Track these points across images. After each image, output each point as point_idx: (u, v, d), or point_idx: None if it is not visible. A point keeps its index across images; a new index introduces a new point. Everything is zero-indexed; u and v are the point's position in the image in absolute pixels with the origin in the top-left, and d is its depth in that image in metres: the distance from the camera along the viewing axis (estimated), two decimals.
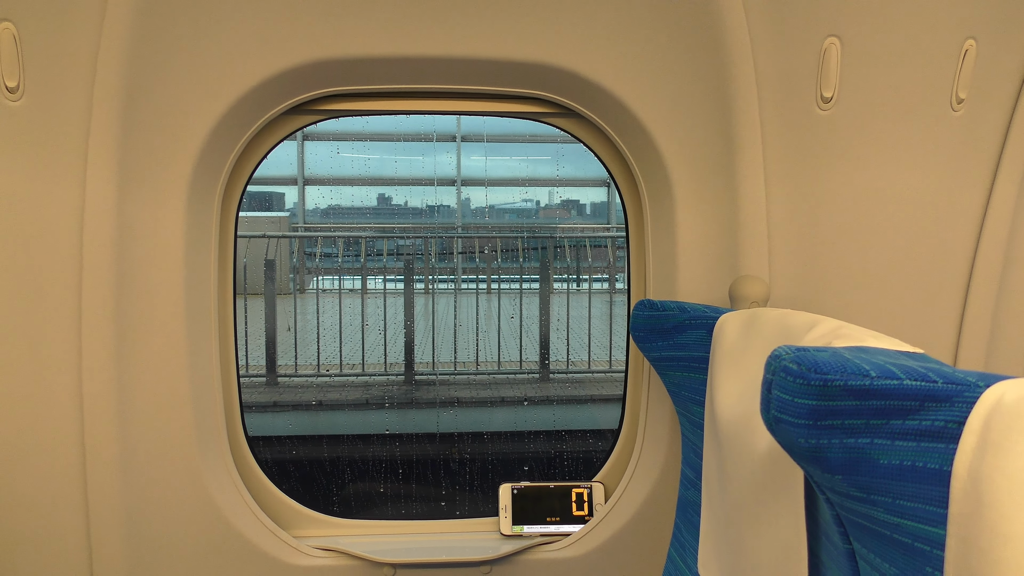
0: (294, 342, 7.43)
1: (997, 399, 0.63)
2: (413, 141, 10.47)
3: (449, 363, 7.57)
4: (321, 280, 9.52)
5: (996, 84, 1.59)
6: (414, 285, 7.81)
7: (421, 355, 7.59)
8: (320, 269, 9.19)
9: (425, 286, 9.59)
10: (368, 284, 8.46)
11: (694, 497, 1.39)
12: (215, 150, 1.57)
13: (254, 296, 7.77)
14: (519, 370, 7.51)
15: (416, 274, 8.84)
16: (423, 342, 7.94)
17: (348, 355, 7.50)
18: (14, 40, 1.40)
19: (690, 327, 1.40)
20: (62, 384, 1.51)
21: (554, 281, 8.43)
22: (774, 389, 0.76)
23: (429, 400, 7.03)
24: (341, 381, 7.17)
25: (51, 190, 1.47)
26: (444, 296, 9.38)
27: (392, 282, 8.56)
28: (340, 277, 8.98)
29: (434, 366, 7.52)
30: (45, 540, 1.55)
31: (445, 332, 8.23)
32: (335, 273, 9.18)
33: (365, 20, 1.49)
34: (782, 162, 1.59)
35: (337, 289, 8.83)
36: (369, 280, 8.56)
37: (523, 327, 7.98)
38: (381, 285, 8.29)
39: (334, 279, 9.30)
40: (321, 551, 1.73)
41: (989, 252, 1.66)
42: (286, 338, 7.42)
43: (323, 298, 8.78)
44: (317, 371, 7.22)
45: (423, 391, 7.20)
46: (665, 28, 1.52)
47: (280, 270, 8.40)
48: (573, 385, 7.35)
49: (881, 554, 0.74)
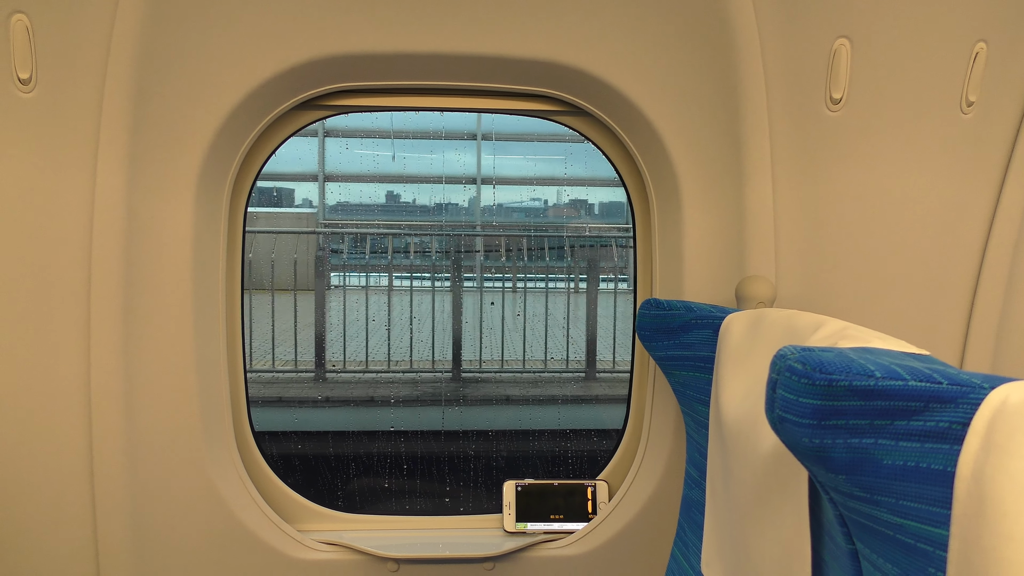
0: (343, 338, 7.39)
1: (1002, 401, 0.63)
2: (449, 139, 10.43)
3: (494, 360, 7.54)
4: (347, 277, 9.45)
5: (1006, 87, 1.58)
6: (452, 283, 7.80)
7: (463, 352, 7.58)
8: (356, 266, 9.10)
9: (451, 283, 9.50)
10: (390, 281, 8.45)
11: (698, 496, 1.39)
12: (225, 144, 1.57)
13: (282, 292, 7.73)
14: (565, 368, 7.50)
15: (441, 272, 8.80)
16: (470, 339, 7.90)
17: (392, 351, 7.48)
18: (27, 32, 1.41)
19: (696, 327, 1.40)
20: (70, 376, 1.52)
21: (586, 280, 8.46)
22: (779, 388, 0.77)
23: (480, 397, 7.00)
24: (389, 377, 7.16)
25: (61, 182, 1.48)
26: (474, 294, 9.28)
27: (418, 279, 8.54)
28: (391, 274, 8.94)
29: (480, 364, 7.49)
30: (52, 531, 1.57)
31: (491, 330, 8.16)
32: (378, 271, 9.14)
33: (374, 16, 1.50)
34: (790, 163, 1.58)
35: (363, 286, 8.78)
36: (393, 277, 8.55)
37: (569, 325, 7.95)
38: (401, 282, 8.28)
39: (361, 276, 9.26)
40: (325, 545, 1.74)
41: (997, 255, 1.65)
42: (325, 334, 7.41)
43: (350, 295, 8.70)
44: (365, 367, 7.19)
45: (472, 388, 7.17)
46: (674, 27, 1.52)
47: (307, 267, 8.41)
48: (623, 384, 7.33)
49: (884, 554, 0.75)
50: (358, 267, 8.95)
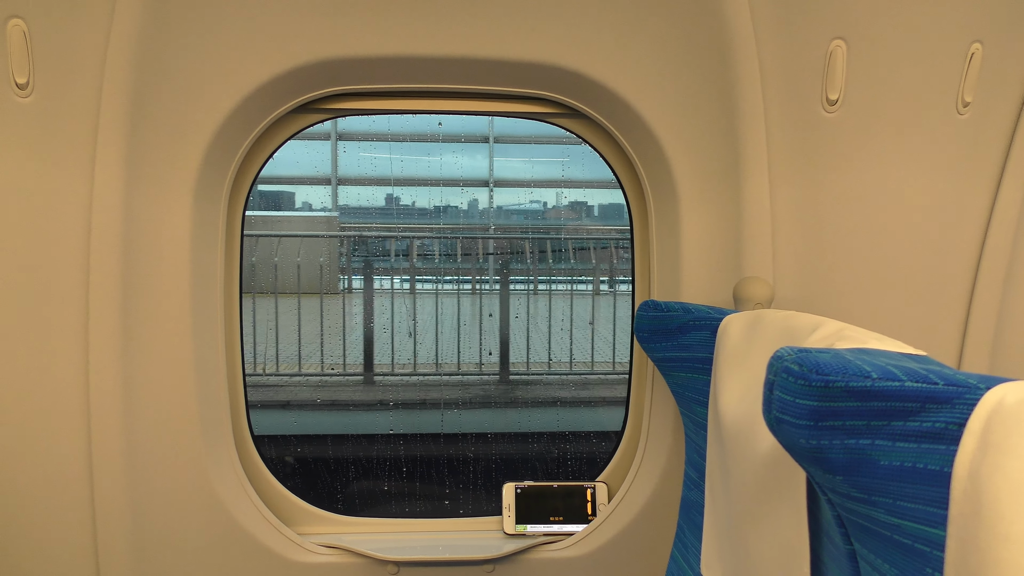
0: (391, 341, 7.36)
1: (998, 401, 0.63)
2: (449, 142, 10.41)
3: (540, 363, 7.50)
4: (382, 281, 9.38)
5: (1002, 88, 1.59)
6: (501, 286, 7.77)
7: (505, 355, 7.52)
8: (400, 269, 9.01)
9: (500, 286, 9.41)
10: (437, 284, 8.41)
11: (697, 498, 1.40)
12: (222, 147, 1.58)
13: (308, 296, 7.69)
14: (611, 371, 7.45)
15: (486, 275, 8.76)
16: (518, 341, 7.86)
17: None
18: (24, 37, 1.41)
19: (694, 328, 1.40)
20: (69, 380, 1.52)
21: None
22: (776, 390, 0.77)
23: (530, 399, 6.94)
24: (436, 380, 7.12)
25: (59, 186, 1.48)
26: (520, 296, 9.19)
27: (449, 282, 8.50)
28: (438, 278, 8.87)
29: (528, 366, 7.43)
30: (51, 534, 1.56)
31: (539, 333, 8.10)
32: (426, 273, 9.09)
33: (372, 20, 1.50)
34: (787, 164, 1.59)
35: (388, 289, 8.73)
36: (415, 280, 8.51)
37: (616, 328, 7.93)
38: (434, 285, 8.27)
39: (391, 279, 9.21)
40: (325, 548, 1.74)
41: (994, 255, 1.66)
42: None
43: (381, 297, 8.61)
44: (413, 369, 7.16)
45: (521, 391, 7.11)
46: (671, 29, 1.52)
47: (329, 270, 8.40)
48: None
49: (881, 555, 0.75)
50: (401, 270, 8.91)
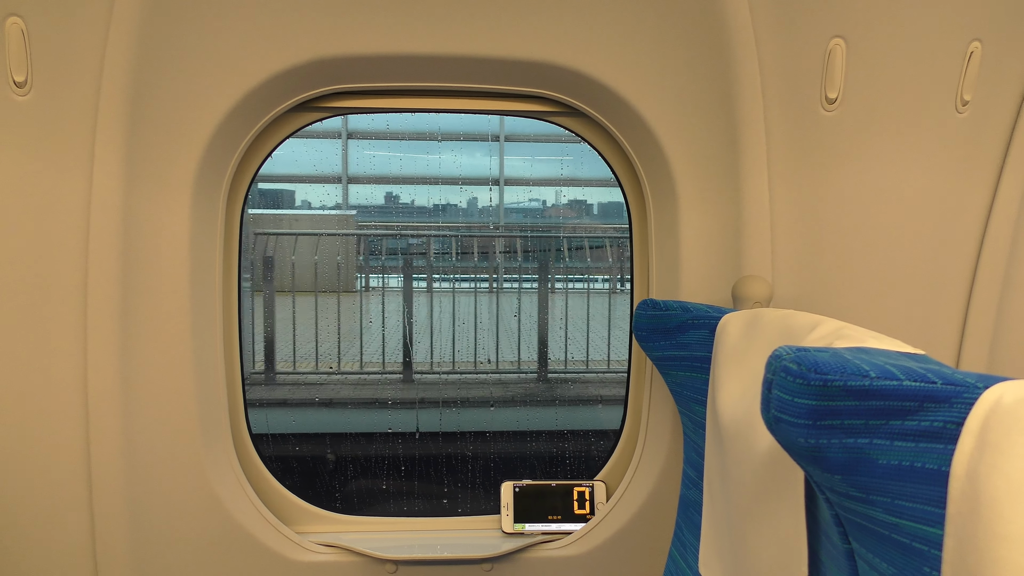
0: (430, 338, 7.34)
1: (996, 400, 0.63)
2: (460, 140, 10.37)
3: (576, 361, 7.47)
4: (381, 278, 9.31)
5: (1001, 86, 1.59)
6: (540, 284, 7.74)
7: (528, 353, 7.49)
8: (441, 268, 8.92)
9: (489, 285, 9.33)
10: (492, 283, 8.34)
11: (695, 496, 1.40)
12: (221, 146, 1.57)
13: (327, 294, 7.66)
14: None
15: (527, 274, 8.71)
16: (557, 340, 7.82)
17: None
18: (22, 35, 1.41)
19: (693, 327, 1.40)
20: (67, 379, 1.52)
21: None
22: (774, 389, 0.77)
23: (571, 397, 6.93)
24: (475, 379, 7.11)
25: (58, 185, 1.48)
26: (560, 295, 9.17)
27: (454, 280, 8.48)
28: (480, 277, 8.79)
29: (566, 364, 7.40)
30: (50, 533, 1.56)
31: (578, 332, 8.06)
32: (466, 272, 9.02)
33: (371, 18, 1.50)
34: (786, 162, 1.59)
35: (417, 288, 8.67)
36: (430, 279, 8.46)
37: None
38: (453, 282, 8.22)
39: (414, 278, 9.16)
40: (323, 547, 1.74)
41: (993, 254, 1.66)
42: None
43: (389, 296, 8.57)
44: (452, 367, 7.17)
45: (562, 388, 7.08)
46: (670, 27, 1.52)
47: (347, 269, 8.38)
48: None
49: (879, 554, 0.75)
50: (439, 268, 8.86)
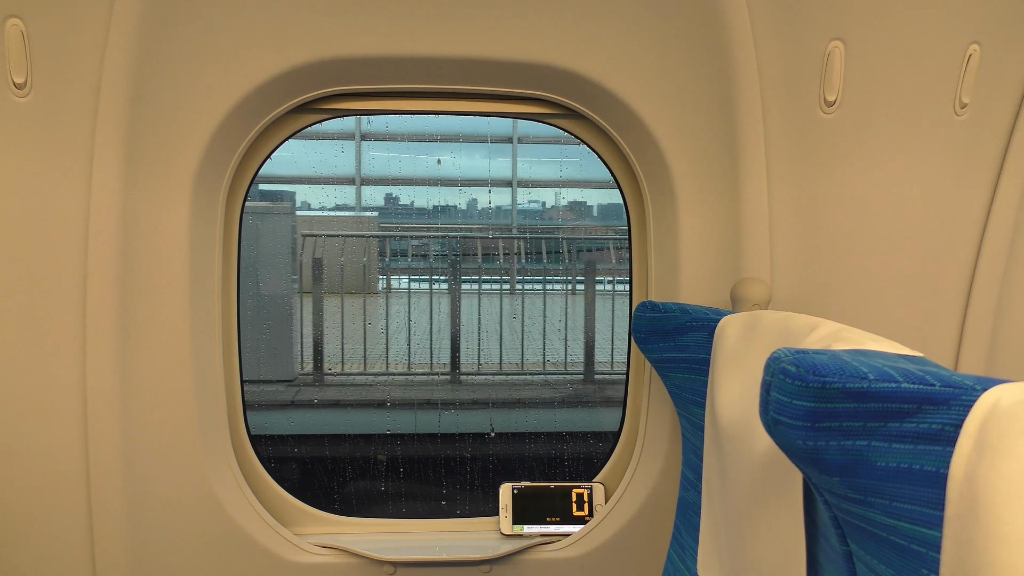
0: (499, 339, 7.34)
1: (994, 402, 0.64)
2: (471, 142, 10.32)
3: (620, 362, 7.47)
4: (399, 280, 9.26)
5: (999, 89, 1.59)
6: (586, 285, 7.76)
7: None
8: (489, 269, 8.85)
9: (585, 286, 9.23)
10: (432, 284, 8.31)
11: (694, 498, 1.40)
12: (220, 147, 1.58)
13: (352, 295, 7.66)
14: None
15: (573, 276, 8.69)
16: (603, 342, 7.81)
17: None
18: (22, 36, 1.41)
19: (691, 329, 1.40)
20: (66, 379, 1.52)
21: None
22: (773, 391, 0.77)
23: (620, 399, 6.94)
24: (523, 380, 7.14)
25: (57, 186, 1.48)
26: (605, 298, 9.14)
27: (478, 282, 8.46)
28: (536, 277, 8.75)
29: (611, 365, 7.38)
30: (48, 534, 1.56)
31: None
32: (498, 274, 8.97)
33: (370, 20, 1.50)
34: (785, 165, 1.59)
35: (427, 290, 8.64)
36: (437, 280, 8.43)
37: None
38: (507, 283, 8.20)
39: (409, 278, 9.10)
40: (322, 548, 1.73)
41: (991, 256, 1.66)
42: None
43: (414, 297, 8.52)
44: (499, 368, 7.19)
45: (610, 390, 7.07)
46: (668, 29, 1.52)
47: (369, 270, 8.40)
48: None
49: (878, 556, 0.75)
50: (487, 271, 8.82)
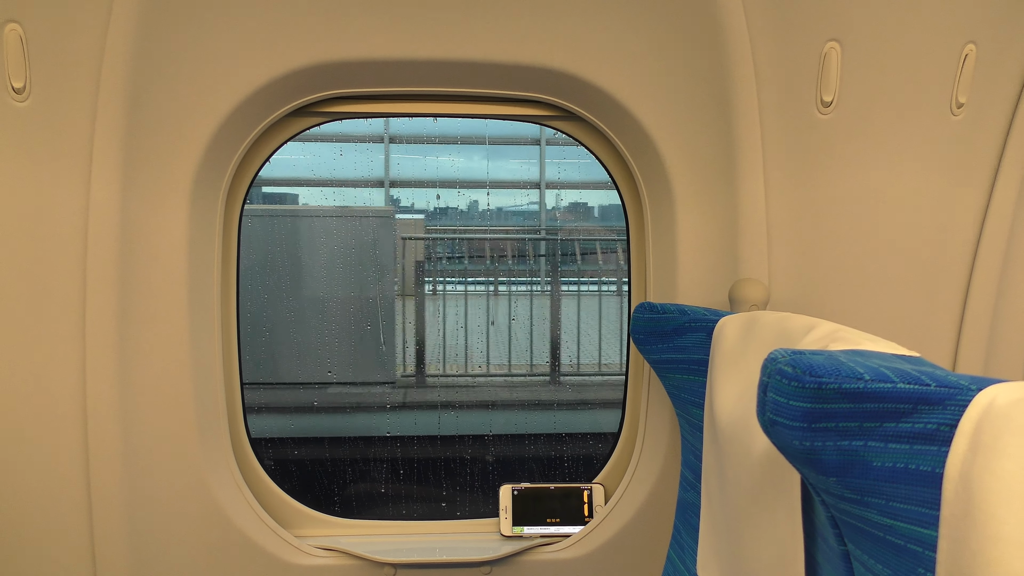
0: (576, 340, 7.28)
1: (989, 402, 0.64)
2: (497, 144, 10.28)
3: None
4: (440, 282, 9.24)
5: (996, 88, 1.59)
6: None
7: None
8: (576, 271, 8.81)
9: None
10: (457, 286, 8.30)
11: (693, 499, 1.40)
12: (219, 151, 1.58)
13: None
14: None
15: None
16: None
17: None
18: (20, 41, 1.41)
19: (690, 330, 1.40)
20: (66, 382, 1.52)
21: None
22: (770, 392, 0.77)
23: None
24: (619, 380, 7.11)
25: (56, 190, 1.48)
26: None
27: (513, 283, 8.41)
28: (603, 280, 8.72)
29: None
30: (48, 536, 1.56)
31: None
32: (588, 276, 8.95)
33: (368, 24, 1.50)
34: (782, 165, 1.59)
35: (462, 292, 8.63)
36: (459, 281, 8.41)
37: None
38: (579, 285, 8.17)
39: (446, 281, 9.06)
40: (322, 551, 1.74)
41: (988, 256, 1.66)
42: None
43: (451, 299, 8.51)
44: (598, 369, 7.16)
45: None
46: (665, 31, 1.53)
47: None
48: None
49: (874, 555, 0.75)
50: (568, 272, 8.70)
